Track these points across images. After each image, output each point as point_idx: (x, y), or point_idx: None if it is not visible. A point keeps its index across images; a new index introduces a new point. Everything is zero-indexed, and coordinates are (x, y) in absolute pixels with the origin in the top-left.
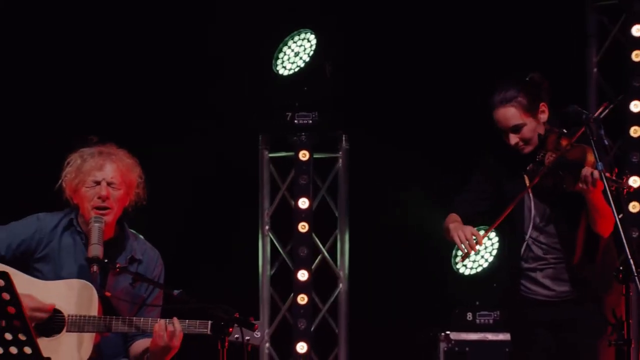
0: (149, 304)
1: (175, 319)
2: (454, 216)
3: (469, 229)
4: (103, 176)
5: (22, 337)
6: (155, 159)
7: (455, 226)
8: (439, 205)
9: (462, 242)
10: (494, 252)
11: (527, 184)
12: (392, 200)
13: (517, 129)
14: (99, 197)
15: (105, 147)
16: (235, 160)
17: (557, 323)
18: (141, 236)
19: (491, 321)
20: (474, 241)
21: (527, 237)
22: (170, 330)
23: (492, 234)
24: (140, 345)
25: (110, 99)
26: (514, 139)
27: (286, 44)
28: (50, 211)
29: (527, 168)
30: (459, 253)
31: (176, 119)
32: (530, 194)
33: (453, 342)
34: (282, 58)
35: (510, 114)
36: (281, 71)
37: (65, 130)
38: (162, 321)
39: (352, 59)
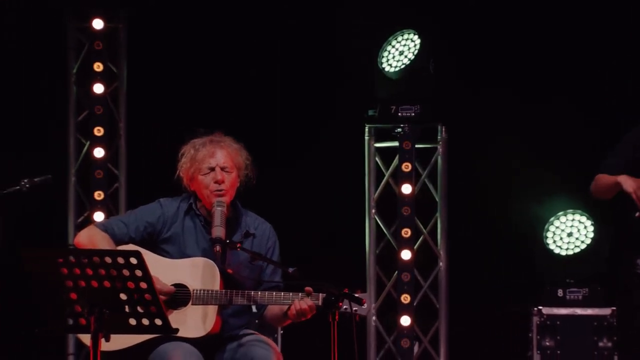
0: (267, 279)
1: (311, 303)
2: (604, 176)
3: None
4: (216, 162)
5: (153, 309)
6: (272, 146)
7: (626, 178)
8: (528, 189)
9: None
10: (589, 236)
11: None
12: (487, 185)
13: None
14: (215, 182)
15: (214, 136)
16: (344, 150)
17: None
18: (251, 212)
19: (580, 297)
20: None
21: None
22: (304, 307)
23: (587, 221)
24: (276, 307)
25: (232, 97)
26: None
27: (390, 44)
28: (170, 196)
29: None
30: None
31: (290, 114)
32: None
33: (545, 316)
34: (387, 56)
35: None
36: (387, 68)
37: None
38: (303, 302)
39: (451, 56)
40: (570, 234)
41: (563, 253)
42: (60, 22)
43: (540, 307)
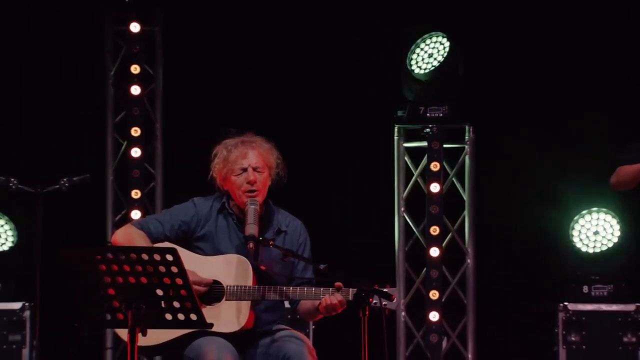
0: (299, 275)
1: (342, 299)
2: (626, 166)
3: None
4: (248, 163)
5: (188, 305)
6: (304, 146)
7: None
8: (555, 187)
9: None
10: (615, 235)
11: None
12: (514, 184)
13: None
14: (248, 182)
15: (245, 137)
16: (374, 149)
17: None
18: (283, 210)
19: (605, 293)
20: None
21: None
22: (334, 302)
23: (613, 219)
24: (308, 302)
25: (264, 98)
26: None
27: (418, 46)
28: (204, 195)
29: None
30: None
31: (320, 115)
32: None
33: (570, 312)
34: (415, 58)
35: None
36: (416, 70)
37: (212, 125)
38: (334, 297)
39: (478, 57)
40: (596, 232)
41: (590, 251)
42: (98, 27)
43: (566, 303)
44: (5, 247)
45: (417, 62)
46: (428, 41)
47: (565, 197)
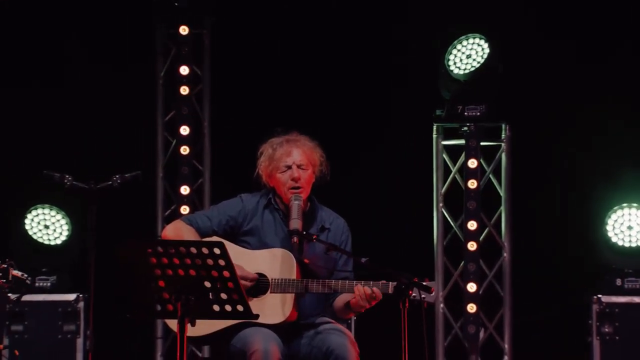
0: (340, 268)
1: (376, 290)
2: None
3: None
4: (293, 160)
5: (235, 296)
6: (346, 144)
7: None
8: (589, 182)
9: None
10: None
11: None
12: (549, 179)
13: None
14: (292, 179)
15: (290, 135)
16: (414, 147)
17: None
18: (326, 208)
19: (638, 286)
20: None
21: None
22: (368, 292)
23: None
24: (343, 297)
25: (307, 97)
26: None
27: (455, 47)
28: (250, 191)
29: None
30: None
31: (362, 113)
32: None
33: (604, 304)
34: (453, 59)
35: None
36: (455, 70)
37: (257, 124)
38: (365, 288)
39: (515, 58)
40: (630, 227)
41: (624, 244)
42: (149, 30)
43: (599, 296)
44: (59, 242)
45: (455, 63)
46: (465, 42)
47: (600, 191)
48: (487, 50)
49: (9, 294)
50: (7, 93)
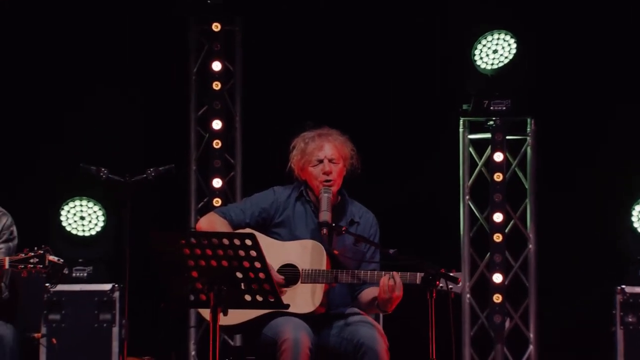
0: (368, 260)
1: (395, 273)
2: None
3: None
4: (324, 154)
5: (266, 286)
6: (374, 137)
7: None
8: (613, 173)
9: None
10: None
11: None
12: (574, 172)
13: None
14: (324, 173)
15: (321, 130)
16: (440, 141)
17: None
18: (357, 202)
19: None
20: None
21: None
22: (391, 284)
23: None
24: (368, 293)
25: (337, 91)
26: None
27: (480, 42)
28: (282, 184)
29: None
30: None
31: (390, 107)
32: None
33: (628, 294)
34: (479, 54)
35: None
36: (482, 65)
37: (289, 118)
38: (386, 277)
39: (540, 54)
40: None
41: None
42: (182, 26)
43: (623, 286)
44: (93, 232)
45: (482, 58)
46: (490, 37)
47: (624, 182)
48: (513, 47)
49: (46, 284)
50: (46, 88)
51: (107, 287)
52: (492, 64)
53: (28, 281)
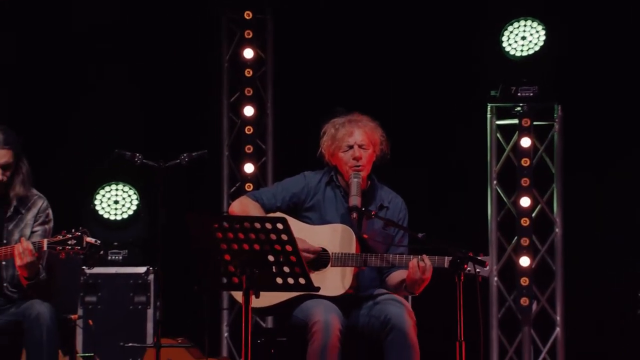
0: (397, 243)
1: (424, 256)
2: None
3: None
4: (354, 140)
5: (297, 269)
6: (403, 123)
7: None
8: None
9: None
10: None
11: None
12: (600, 156)
13: None
14: (354, 158)
15: (352, 116)
16: (468, 126)
17: None
18: (386, 187)
19: None
20: None
21: None
22: (422, 265)
23: None
24: (397, 276)
25: (367, 77)
26: None
27: (506, 29)
28: (312, 169)
29: None
30: None
31: (418, 94)
32: None
33: None
34: (507, 41)
35: None
36: (511, 52)
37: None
38: (415, 259)
39: (568, 38)
40: None
41: None
42: (215, 16)
43: None
44: (125, 216)
45: (510, 45)
46: (516, 24)
47: None
48: (542, 35)
49: (83, 267)
50: (81, 75)
51: (142, 269)
52: (522, 51)
53: (65, 264)
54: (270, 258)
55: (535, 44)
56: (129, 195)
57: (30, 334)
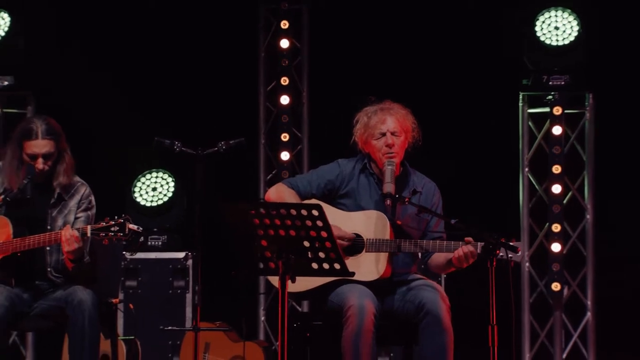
0: (431, 230)
1: (469, 240)
2: None
3: None
4: (387, 128)
5: (332, 255)
6: (437, 111)
7: None
8: None
9: None
10: None
11: None
12: (631, 145)
13: None
14: (386, 146)
15: (383, 104)
16: (501, 114)
17: None
18: (418, 172)
19: None
20: None
21: None
22: (465, 251)
23: None
24: (440, 256)
25: (400, 65)
26: None
27: (538, 19)
28: (346, 157)
29: None
30: None
31: (452, 82)
32: None
33: None
34: (540, 30)
35: None
36: (547, 41)
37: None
38: (465, 247)
39: (601, 31)
40: None
41: None
42: (253, 6)
43: None
44: (161, 202)
45: (544, 34)
46: (547, 14)
47: None
48: (575, 25)
49: (124, 252)
50: (122, 65)
51: (181, 255)
52: (557, 40)
53: (107, 249)
54: (306, 244)
55: (570, 34)
56: (168, 183)
57: (73, 321)
